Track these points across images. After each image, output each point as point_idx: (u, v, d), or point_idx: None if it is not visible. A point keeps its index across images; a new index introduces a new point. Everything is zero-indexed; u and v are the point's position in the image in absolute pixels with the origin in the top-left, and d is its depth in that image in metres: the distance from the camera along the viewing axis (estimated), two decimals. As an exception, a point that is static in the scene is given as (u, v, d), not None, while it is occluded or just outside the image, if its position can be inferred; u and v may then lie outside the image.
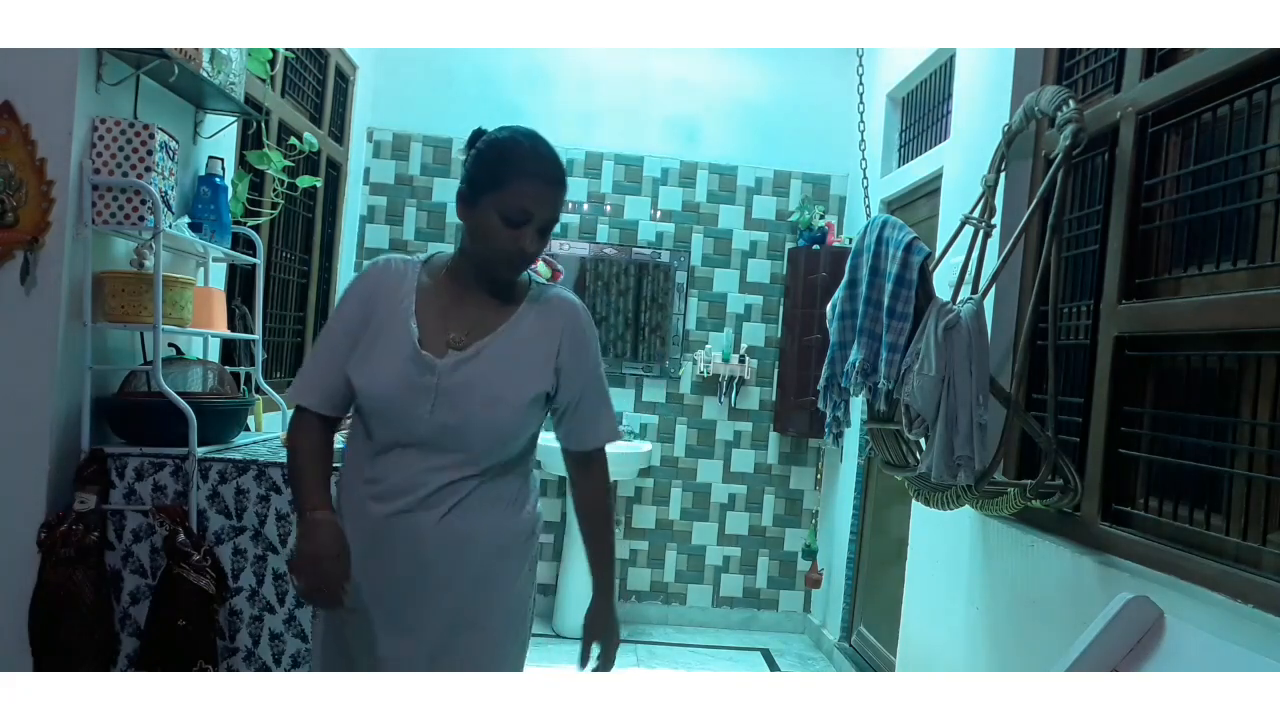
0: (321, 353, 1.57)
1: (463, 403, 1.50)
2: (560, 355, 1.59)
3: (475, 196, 1.50)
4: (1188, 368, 1.91)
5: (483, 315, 1.57)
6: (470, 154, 1.54)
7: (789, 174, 4.49)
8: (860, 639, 3.94)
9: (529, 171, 1.49)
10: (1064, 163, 2.12)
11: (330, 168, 3.84)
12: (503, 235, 1.49)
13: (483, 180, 1.49)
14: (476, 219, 1.50)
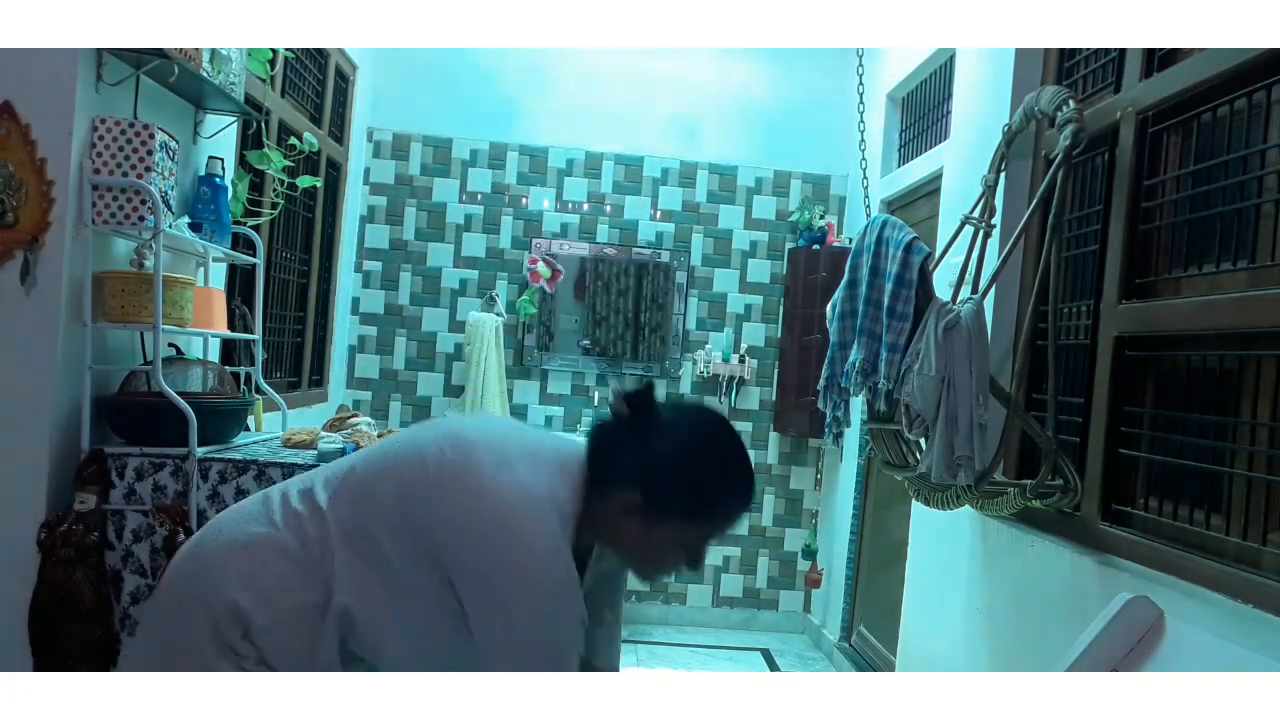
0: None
1: None
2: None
3: (660, 515, 1.24)
4: (1188, 368, 1.91)
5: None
6: (663, 449, 1.24)
7: (789, 174, 4.49)
8: (860, 639, 3.94)
9: (730, 514, 1.31)
10: (1064, 163, 2.12)
11: (330, 168, 3.84)
12: (673, 559, 1.32)
13: (678, 505, 1.25)
14: (648, 536, 1.26)
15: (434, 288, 4.38)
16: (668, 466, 1.24)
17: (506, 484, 1.20)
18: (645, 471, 1.24)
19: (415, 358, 4.39)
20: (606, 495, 1.26)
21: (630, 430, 1.26)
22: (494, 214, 4.40)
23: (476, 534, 1.17)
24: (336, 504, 1.26)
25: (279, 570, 1.23)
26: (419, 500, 1.21)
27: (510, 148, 4.39)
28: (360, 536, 1.23)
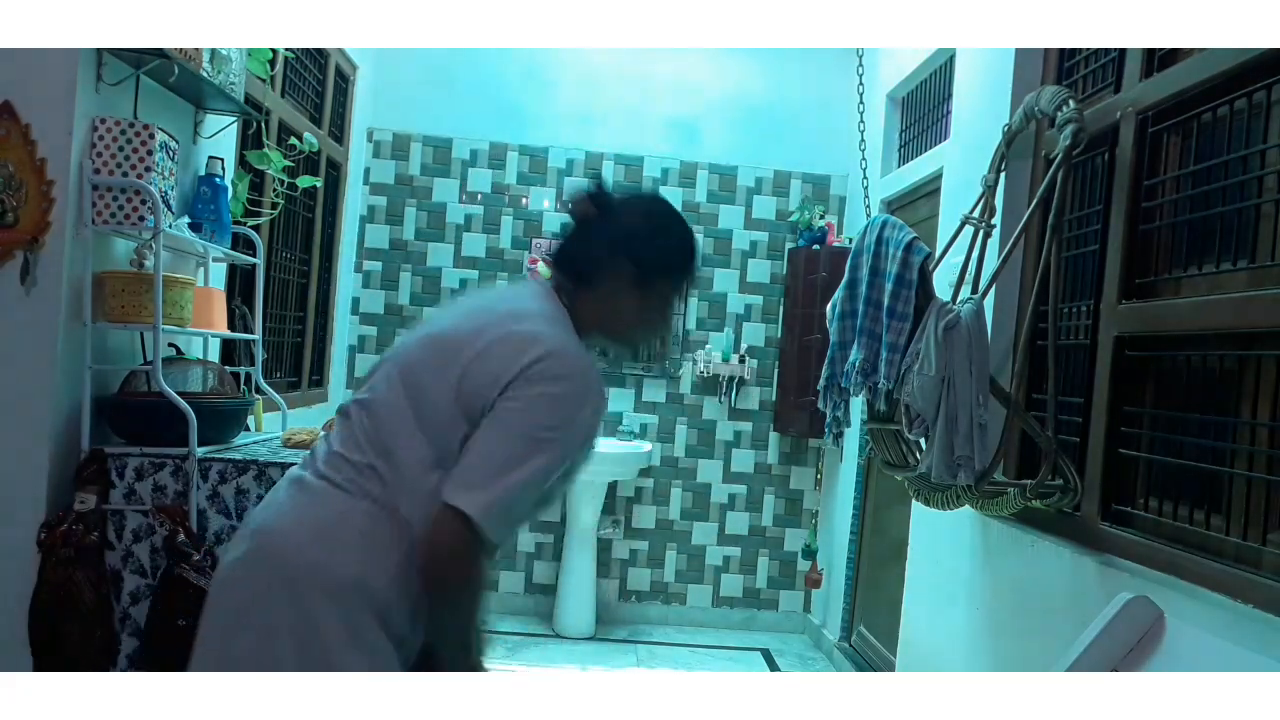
0: (539, 486, 1.33)
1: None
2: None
3: (651, 279, 1.48)
4: (1188, 368, 1.91)
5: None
6: (637, 223, 1.48)
7: (789, 174, 4.49)
8: (860, 639, 3.94)
9: (697, 259, 1.57)
10: (1064, 163, 2.12)
11: (330, 168, 3.84)
12: (661, 317, 1.55)
13: (665, 266, 1.50)
14: (643, 301, 1.49)
15: (434, 288, 4.38)
16: (645, 234, 1.48)
17: (549, 334, 1.36)
18: (629, 245, 1.46)
19: (415, 358, 4.38)
20: (599, 287, 1.47)
21: (600, 223, 1.48)
22: (494, 214, 4.40)
23: (545, 371, 1.31)
24: (366, 438, 1.35)
25: (371, 528, 1.31)
26: (470, 372, 1.32)
27: (510, 148, 4.39)
28: (407, 447, 1.33)
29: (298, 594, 1.29)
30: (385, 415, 1.36)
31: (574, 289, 1.48)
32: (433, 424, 1.33)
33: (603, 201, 1.49)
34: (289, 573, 1.31)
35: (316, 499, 1.35)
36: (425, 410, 1.33)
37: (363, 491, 1.33)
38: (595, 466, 4.22)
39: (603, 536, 4.34)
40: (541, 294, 1.47)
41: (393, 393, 1.37)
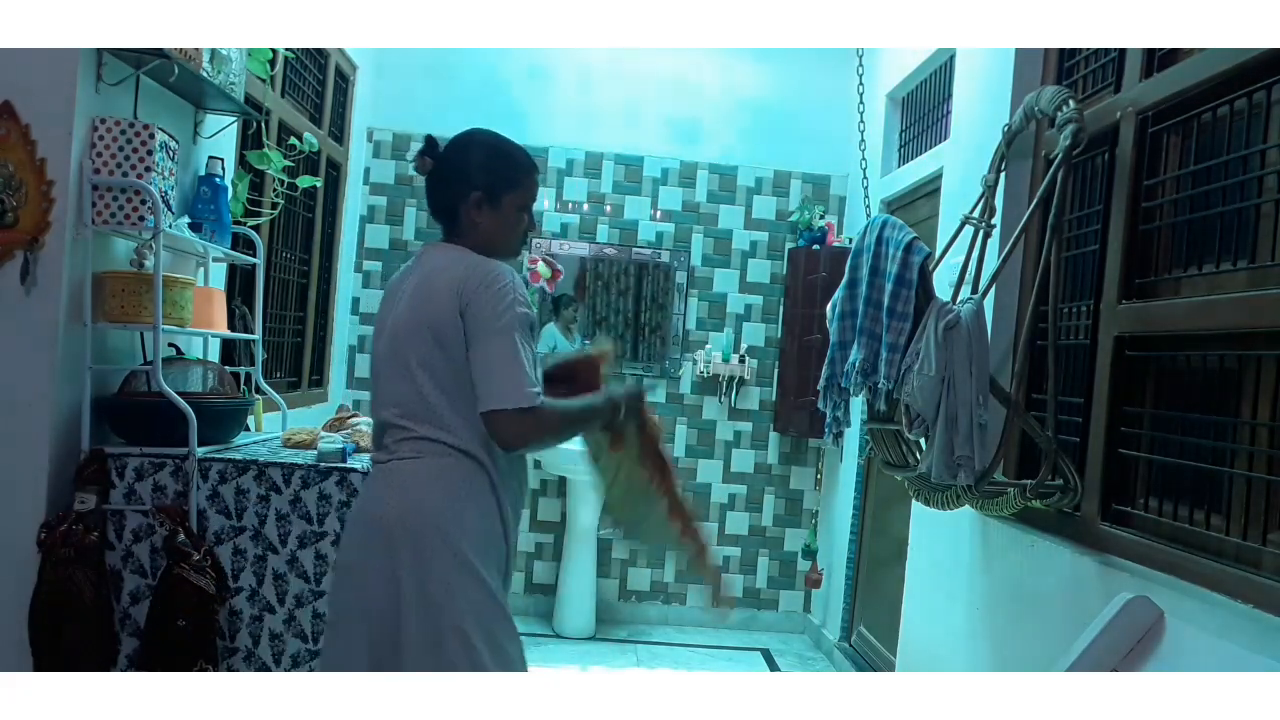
0: (529, 346, 1.67)
1: None
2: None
3: (497, 197, 1.75)
4: (1188, 368, 1.91)
5: None
6: (464, 160, 1.75)
7: (789, 174, 4.49)
8: (860, 639, 3.94)
9: (530, 165, 1.80)
10: (1064, 163, 2.12)
11: (330, 168, 3.84)
12: (523, 224, 1.80)
13: (500, 182, 1.75)
14: (501, 216, 1.76)
15: (434, 288, 4.37)
16: (474, 162, 1.74)
17: (460, 263, 1.70)
18: (468, 177, 1.73)
19: (415, 358, 4.38)
20: (465, 220, 1.75)
21: (438, 171, 1.76)
22: (494, 214, 4.39)
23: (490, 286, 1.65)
24: (411, 419, 1.66)
25: (460, 478, 1.65)
26: (434, 326, 1.64)
27: (510, 148, 4.38)
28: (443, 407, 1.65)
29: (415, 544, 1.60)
30: (411, 398, 1.66)
31: (451, 229, 1.77)
32: (443, 383, 1.64)
33: (434, 153, 1.77)
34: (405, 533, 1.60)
35: (388, 472, 1.67)
36: (430, 377, 1.64)
37: (418, 450, 1.64)
38: (595, 466, 4.22)
39: (603, 536, 4.34)
40: (437, 251, 1.77)
41: (402, 382, 1.66)
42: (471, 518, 1.64)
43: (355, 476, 2.21)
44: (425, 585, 1.57)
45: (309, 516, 2.20)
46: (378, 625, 1.58)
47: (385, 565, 1.59)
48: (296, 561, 2.20)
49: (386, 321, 1.75)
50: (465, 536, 1.62)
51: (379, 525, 1.63)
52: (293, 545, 2.20)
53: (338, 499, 2.20)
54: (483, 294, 1.63)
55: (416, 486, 1.63)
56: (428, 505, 1.61)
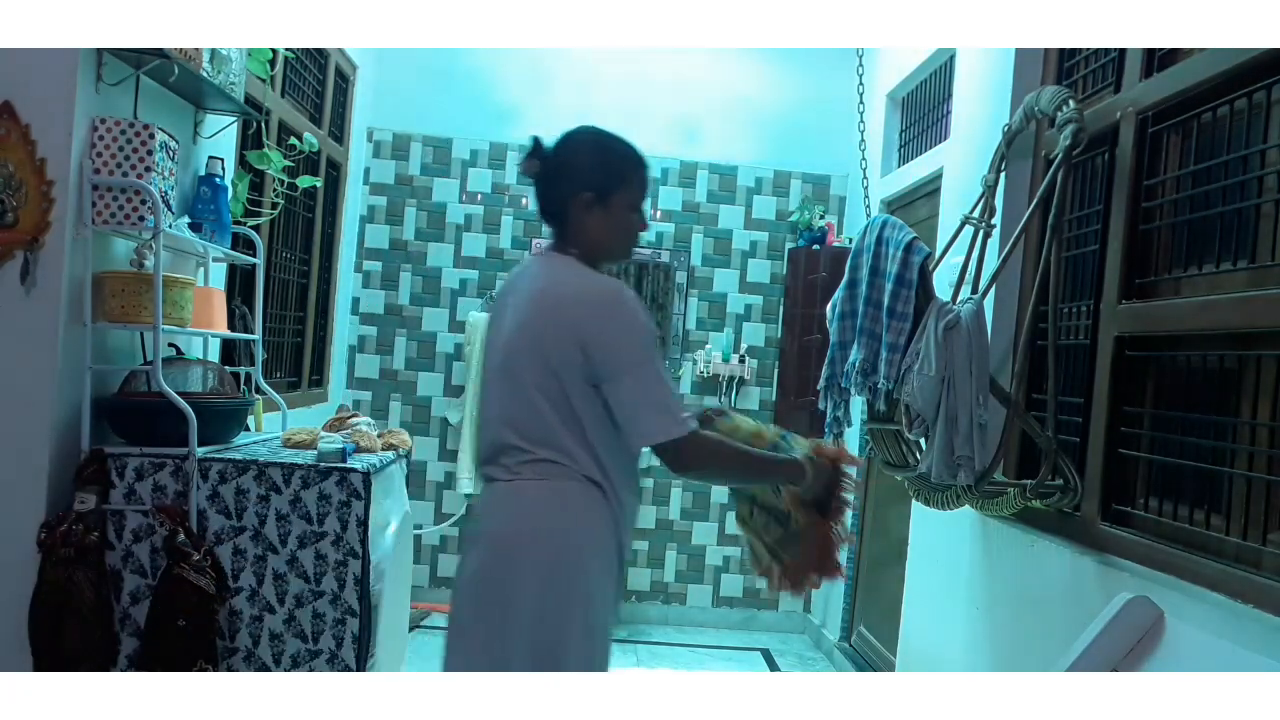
0: (668, 374, 1.65)
1: None
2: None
3: (606, 196, 1.69)
4: (1188, 368, 1.91)
5: None
6: (571, 159, 1.70)
7: (789, 174, 4.49)
8: (860, 639, 3.94)
9: (640, 160, 1.75)
10: (1064, 163, 2.12)
11: (330, 168, 3.84)
12: (634, 224, 1.74)
13: (610, 180, 1.70)
14: (611, 217, 1.70)
15: (434, 288, 4.38)
16: (580, 158, 1.70)
17: (574, 283, 1.65)
18: (576, 176, 1.68)
19: (415, 358, 4.39)
20: (574, 223, 1.69)
21: (546, 172, 1.70)
22: (494, 214, 4.40)
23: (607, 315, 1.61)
24: (521, 438, 1.63)
25: (582, 503, 1.63)
26: (547, 351, 1.60)
27: (510, 148, 4.39)
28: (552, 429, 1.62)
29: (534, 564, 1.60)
30: (529, 421, 1.63)
31: (561, 234, 1.71)
32: (560, 409, 1.61)
33: (541, 154, 1.71)
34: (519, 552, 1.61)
35: (513, 492, 1.65)
36: (549, 403, 1.61)
37: (542, 473, 1.62)
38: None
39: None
40: (547, 262, 1.71)
41: (519, 404, 1.64)
42: (591, 541, 1.63)
43: (355, 476, 2.21)
44: (542, 605, 1.58)
45: (309, 516, 2.20)
46: (496, 640, 1.59)
47: (506, 582, 1.60)
48: (296, 561, 2.20)
49: (500, 335, 1.71)
50: (584, 559, 1.61)
51: (502, 544, 1.62)
52: (293, 545, 2.20)
53: (338, 499, 2.20)
54: (609, 327, 1.59)
55: (540, 508, 1.62)
56: (550, 527, 1.60)
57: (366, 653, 2.28)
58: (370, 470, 2.25)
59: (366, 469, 2.23)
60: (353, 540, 2.21)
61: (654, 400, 1.58)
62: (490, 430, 1.71)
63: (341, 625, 2.21)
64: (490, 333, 1.77)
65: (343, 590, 2.21)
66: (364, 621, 2.24)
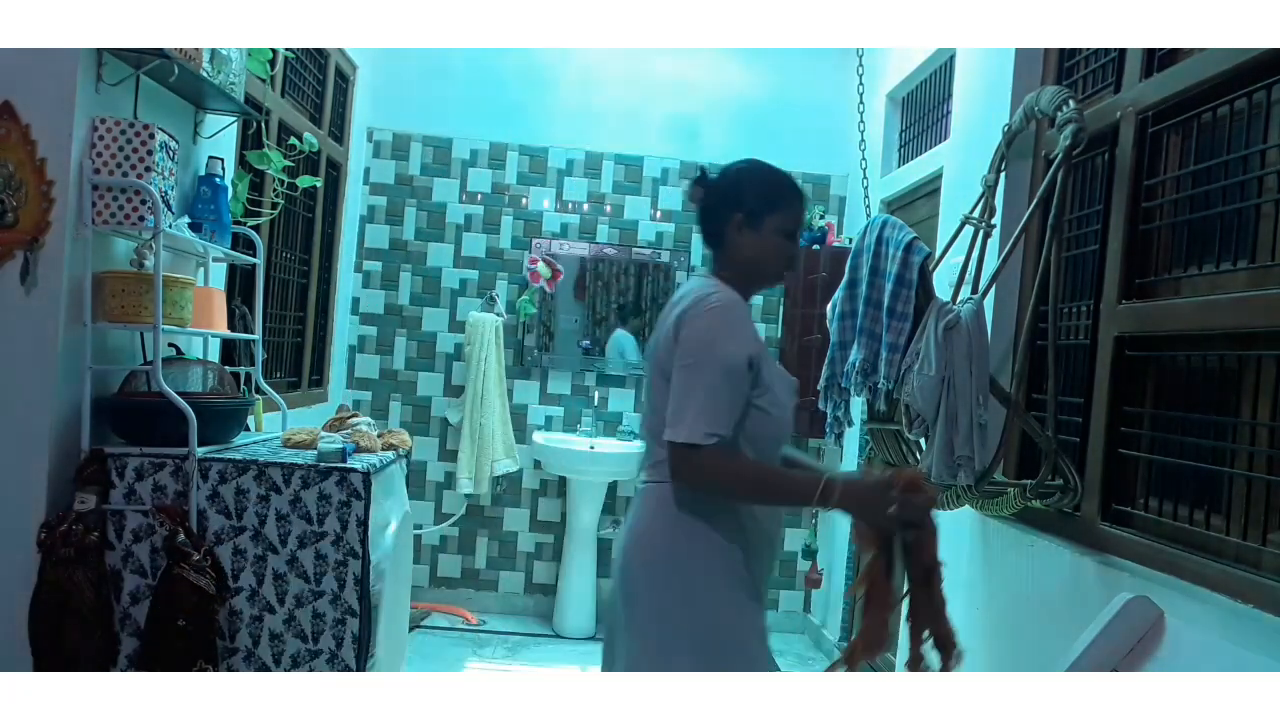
0: (728, 387, 1.62)
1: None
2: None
3: (759, 219, 1.76)
4: (1188, 368, 1.91)
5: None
6: (730, 185, 1.81)
7: (789, 174, 4.48)
8: (860, 639, 3.93)
9: (796, 191, 1.83)
10: (1064, 162, 2.12)
11: (330, 168, 3.84)
12: (785, 250, 1.79)
13: (762, 204, 1.77)
14: (762, 239, 1.77)
15: (434, 288, 4.38)
16: (737, 184, 1.80)
17: (691, 294, 1.73)
18: (732, 200, 1.78)
19: (415, 358, 4.39)
20: (729, 244, 1.77)
21: (710, 199, 1.81)
22: (494, 214, 4.40)
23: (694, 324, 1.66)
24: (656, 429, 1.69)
25: (688, 508, 1.67)
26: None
27: (510, 148, 4.39)
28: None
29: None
30: (651, 421, 1.74)
31: (717, 258, 1.81)
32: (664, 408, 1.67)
33: (705, 182, 1.84)
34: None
35: (641, 494, 1.76)
36: (660, 403, 1.67)
37: (661, 475, 1.69)
38: (595, 467, 4.24)
39: (603, 536, 4.34)
40: (693, 279, 1.80)
41: (651, 408, 1.75)
42: (701, 543, 1.66)
43: (355, 476, 2.21)
44: (652, 605, 1.65)
45: (309, 516, 2.20)
46: (621, 636, 1.70)
47: (627, 581, 1.69)
48: (296, 561, 2.20)
49: (651, 342, 1.83)
50: (691, 560, 1.66)
51: (624, 543, 1.74)
52: (293, 545, 2.20)
53: (338, 499, 2.21)
54: (692, 325, 1.64)
55: (648, 513, 1.71)
56: (657, 529, 1.68)
57: (366, 653, 2.28)
58: (370, 470, 2.25)
59: (366, 469, 2.23)
60: (353, 540, 2.21)
61: (693, 402, 1.59)
62: (644, 434, 1.83)
63: (341, 625, 2.21)
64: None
65: (343, 590, 2.21)
66: (364, 621, 2.24)
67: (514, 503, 4.42)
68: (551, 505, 4.41)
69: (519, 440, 4.33)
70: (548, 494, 4.41)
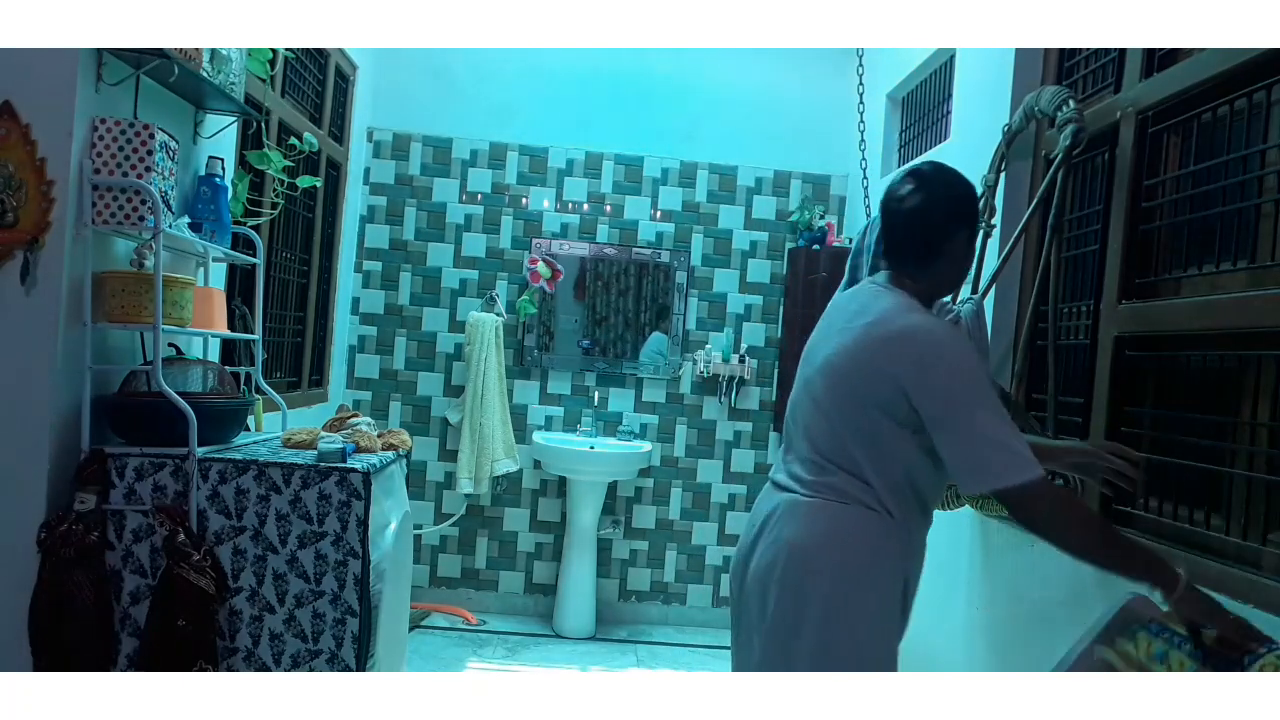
0: (1010, 423, 1.57)
1: None
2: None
3: (972, 235, 1.78)
4: (1188, 368, 1.91)
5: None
6: (966, 198, 1.76)
7: (789, 174, 4.49)
8: (860, 639, 3.93)
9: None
10: (1064, 162, 2.12)
11: (330, 168, 3.84)
12: (970, 260, 1.82)
13: (965, 223, 1.75)
14: (964, 253, 1.77)
15: (434, 288, 4.38)
16: (956, 200, 1.74)
17: (911, 323, 1.66)
18: (966, 214, 1.74)
19: (415, 358, 4.39)
20: (942, 257, 1.73)
21: (937, 207, 1.72)
22: (494, 214, 4.40)
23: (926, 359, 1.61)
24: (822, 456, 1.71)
25: (864, 526, 1.68)
26: (868, 378, 1.65)
27: (510, 148, 4.39)
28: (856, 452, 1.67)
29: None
30: (830, 441, 1.70)
31: (911, 268, 1.75)
32: (867, 437, 1.66)
33: (929, 187, 1.74)
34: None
35: (809, 509, 1.70)
36: (859, 431, 1.66)
37: (837, 495, 1.68)
38: (595, 466, 4.24)
39: (603, 536, 4.34)
40: (885, 294, 1.73)
41: (825, 422, 1.70)
42: (873, 570, 1.66)
43: (355, 476, 2.21)
44: (825, 618, 1.64)
45: (309, 516, 2.20)
46: (777, 641, 1.68)
47: (799, 589, 1.66)
48: (296, 561, 2.20)
49: (821, 349, 1.76)
50: (864, 585, 1.66)
51: (799, 554, 1.67)
52: (293, 545, 2.20)
53: (338, 499, 2.21)
54: (935, 373, 1.58)
55: (832, 528, 1.67)
56: (838, 547, 1.66)
57: (366, 653, 2.28)
58: (370, 470, 2.25)
59: (366, 469, 2.23)
60: (353, 540, 2.21)
61: (996, 439, 1.53)
62: (794, 440, 1.78)
63: (341, 625, 2.21)
64: (814, 341, 1.83)
65: (343, 590, 2.21)
66: (364, 621, 2.24)
67: (514, 503, 4.42)
68: (551, 505, 4.41)
69: (519, 440, 4.33)
70: (548, 494, 4.41)
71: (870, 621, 1.66)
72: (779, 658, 1.66)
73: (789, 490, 1.75)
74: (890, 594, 1.68)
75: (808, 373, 1.79)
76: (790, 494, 1.74)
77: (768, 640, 1.68)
